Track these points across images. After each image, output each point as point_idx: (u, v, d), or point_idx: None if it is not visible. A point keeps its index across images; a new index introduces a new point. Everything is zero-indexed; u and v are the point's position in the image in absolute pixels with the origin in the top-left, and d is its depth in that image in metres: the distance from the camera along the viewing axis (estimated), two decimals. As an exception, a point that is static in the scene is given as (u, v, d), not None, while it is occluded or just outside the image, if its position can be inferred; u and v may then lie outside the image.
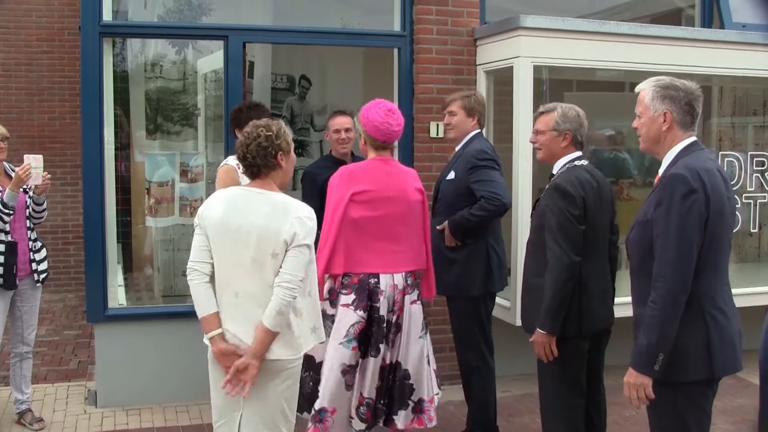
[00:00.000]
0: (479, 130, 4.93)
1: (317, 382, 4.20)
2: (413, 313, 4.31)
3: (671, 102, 3.18)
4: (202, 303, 3.43)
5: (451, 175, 4.83)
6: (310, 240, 3.42)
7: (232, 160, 4.66)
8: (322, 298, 4.14)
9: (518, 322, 4.40)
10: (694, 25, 7.04)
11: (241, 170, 4.50)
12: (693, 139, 3.22)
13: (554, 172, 4.06)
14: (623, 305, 4.15)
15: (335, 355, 4.13)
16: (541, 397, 4.12)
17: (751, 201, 6.64)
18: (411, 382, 4.30)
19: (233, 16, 6.48)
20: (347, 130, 5.20)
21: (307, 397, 4.21)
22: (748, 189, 6.64)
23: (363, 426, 4.20)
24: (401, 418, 4.30)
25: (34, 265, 5.13)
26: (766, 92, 7.45)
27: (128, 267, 6.74)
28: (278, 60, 8.03)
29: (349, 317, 4.15)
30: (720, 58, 6.14)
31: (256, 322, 3.35)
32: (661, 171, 3.23)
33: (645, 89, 3.25)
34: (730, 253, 3.29)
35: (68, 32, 9.13)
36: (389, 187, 4.23)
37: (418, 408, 4.33)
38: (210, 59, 6.52)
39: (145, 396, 5.61)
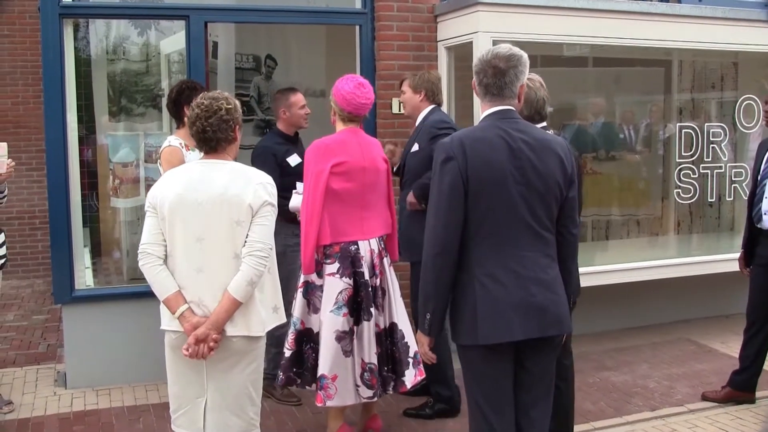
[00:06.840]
0: (433, 106, 5.03)
1: (318, 352, 4.32)
2: (393, 275, 4.53)
3: (475, 75, 3.19)
4: (162, 285, 3.37)
5: (415, 147, 4.95)
6: (275, 204, 3.41)
7: (175, 140, 4.65)
8: (312, 270, 4.28)
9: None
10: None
11: (185, 149, 4.55)
12: (491, 110, 3.15)
13: None
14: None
15: (328, 322, 4.27)
16: None
17: (708, 171, 6.77)
18: (406, 340, 4.45)
19: (195, -5, 6.45)
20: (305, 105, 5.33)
21: (311, 369, 4.35)
22: (705, 159, 6.77)
23: (370, 393, 4.32)
24: (408, 378, 4.45)
25: None
26: (723, 66, 7.59)
27: (96, 251, 6.73)
28: (243, 40, 8.02)
29: (336, 285, 4.28)
30: (676, 31, 6.25)
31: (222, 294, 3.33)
32: None
33: None
34: (535, 221, 3.04)
35: (29, 15, 9.02)
36: (363, 157, 4.36)
37: (416, 362, 4.48)
38: (173, 40, 6.50)
39: (114, 376, 5.64)
